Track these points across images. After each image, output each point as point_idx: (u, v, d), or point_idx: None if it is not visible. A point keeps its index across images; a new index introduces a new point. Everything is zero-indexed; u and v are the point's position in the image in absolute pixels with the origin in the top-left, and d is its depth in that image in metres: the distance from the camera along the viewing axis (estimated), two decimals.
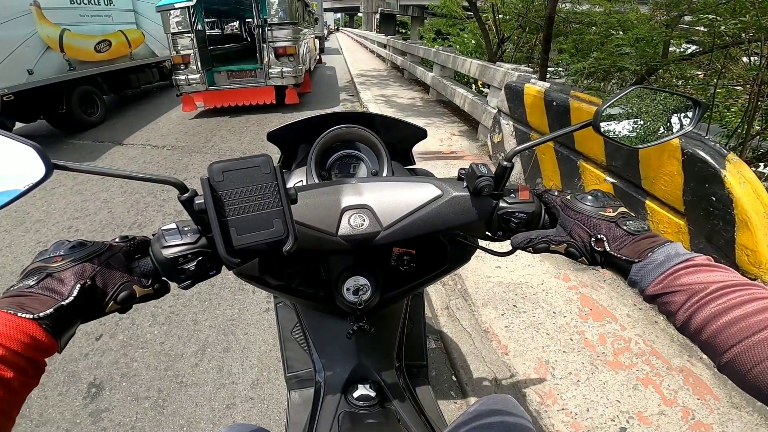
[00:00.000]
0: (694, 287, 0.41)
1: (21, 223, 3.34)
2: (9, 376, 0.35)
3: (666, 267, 0.44)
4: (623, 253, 0.49)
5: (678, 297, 0.41)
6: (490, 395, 0.81)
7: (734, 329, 0.36)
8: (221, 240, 0.45)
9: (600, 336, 1.91)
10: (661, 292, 0.43)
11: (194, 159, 4.83)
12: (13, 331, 0.36)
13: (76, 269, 0.43)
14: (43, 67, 5.62)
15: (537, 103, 3.02)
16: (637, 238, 0.49)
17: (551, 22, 4.62)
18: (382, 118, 0.87)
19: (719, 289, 0.39)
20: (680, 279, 0.42)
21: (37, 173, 0.39)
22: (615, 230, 0.51)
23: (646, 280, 0.45)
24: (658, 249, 0.46)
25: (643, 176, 2.05)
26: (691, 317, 0.40)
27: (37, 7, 5.51)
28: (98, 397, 1.76)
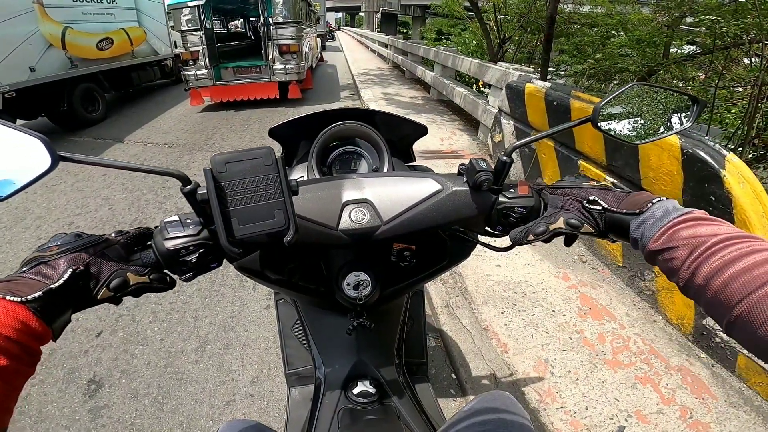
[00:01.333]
0: (694, 240, 0.40)
1: (22, 219, 3.34)
2: (2, 364, 0.34)
3: (665, 221, 0.44)
4: (622, 207, 0.49)
5: (679, 252, 0.41)
6: (488, 392, 0.81)
7: (738, 283, 0.35)
8: (223, 229, 0.45)
9: (599, 335, 1.92)
10: (663, 248, 0.43)
11: (195, 156, 4.84)
12: (3, 316, 0.35)
13: (70, 257, 0.43)
14: (45, 65, 5.63)
15: (538, 103, 3.02)
16: (631, 195, 0.50)
17: (553, 23, 4.63)
18: (383, 114, 0.88)
19: (720, 241, 0.38)
20: (681, 233, 0.42)
21: (43, 164, 0.40)
22: (605, 192, 0.52)
23: (646, 236, 0.45)
24: (656, 203, 0.46)
25: (642, 176, 2.05)
26: (694, 273, 0.39)
27: (39, 4, 5.53)
28: (98, 394, 1.76)
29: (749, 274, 0.34)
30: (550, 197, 0.58)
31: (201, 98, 7.25)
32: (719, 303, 0.36)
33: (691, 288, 0.40)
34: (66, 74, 6.04)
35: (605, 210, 0.51)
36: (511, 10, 6.93)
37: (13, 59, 5.11)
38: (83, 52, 6.40)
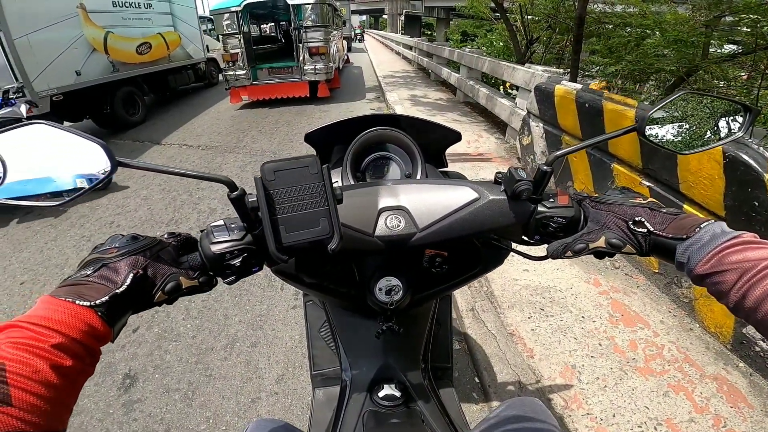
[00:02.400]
0: (744, 265, 0.40)
1: (67, 218, 3.53)
2: (68, 365, 0.36)
3: (714, 245, 0.43)
4: (668, 231, 0.48)
5: (729, 276, 0.40)
6: (517, 398, 0.80)
7: None
8: (272, 237, 0.47)
9: (631, 342, 1.86)
10: (711, 272, 0.42)
11: (227, 158, 4.98)
12: (73, 319, 0.37)
13: (129, 260, 0.45)
14: (90, 69, 5.89)
15: (568, 105, 2.96)
16: (678, 218, 0.48)
17: (582, 23, 4.51)
18: (416, 120, 0.88)
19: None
20: (729, 257, 0.41)
21: (104, 169, 0.43)
22: (652, 213, 0.51)
23: (694, 260, 0.44)
24: (703, 227, 0.45)
25: (681, 180, 1.98)
26: (744, 296, 0.39)
27: (83, 9, 5.77)
28: (132, 388, 1.83)
29: None
30: (591, 211, 0.57)
31: (240, 97, 7.91)
32: None
33: (742, 310, 0.40)
34: (109, 78, 6.30)
35: (650, 233, 0.50)
36: (539, 10, 6.79)
37: (61, 63, 5.34)
38: (124, 57, 6.69)
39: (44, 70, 5.09)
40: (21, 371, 0.33)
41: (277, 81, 7.95)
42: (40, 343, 0.35)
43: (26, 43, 4.86)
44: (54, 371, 0.35)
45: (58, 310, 0.37)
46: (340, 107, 7.83)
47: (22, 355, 0.34)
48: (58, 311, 0.37)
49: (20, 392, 0.32)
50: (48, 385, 0.34)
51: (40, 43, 5.04)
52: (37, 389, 0.33)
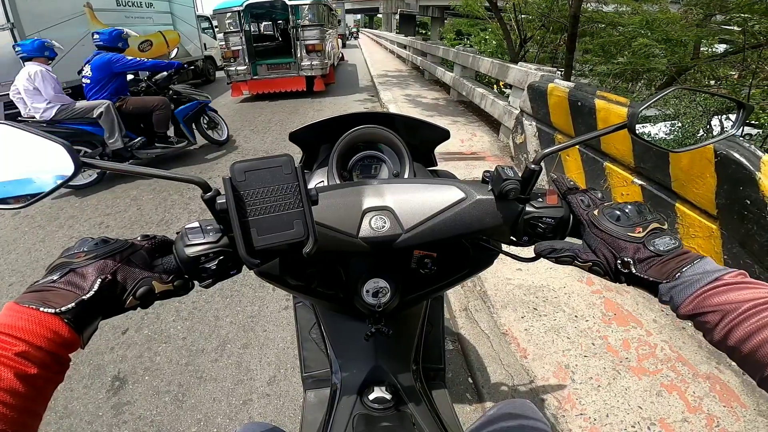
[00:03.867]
0: (725, 307, 0.40)
1: (55, 218, 3.48)
2: (33, 372, 0.35)
3: (695, 288, 0.43)
4: (650, 274, 0.48)
5: (711, 317, 0.41)
6: (508, 400, 0.80)
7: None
8: (242, 240, 0.45)
9: (624, 341, 1.86)
10: (694, 313, 0.42)
11: (219, 158, 4.95)
12: (36, 327, 0.36)
13: (98, 265, 0.44)
14: None
15: (561, 104, 2.96)
16: (664, 258, 0.48)
17: (576, 22, 4.53)
18: (404, 118, 0.86)
19: (752, 307, 0.38)
20: (711, 299, 0.41)
21: (67, 170, 0.41)
22: (642, 251, 0.50)
23: (676, 301, 0.44)
24: (686, 268, 0.45)
25: (673, 178, 1.98)
26: (726, 336, 0.39)
27: (89, 8, 6.06)
28: (121, 391, 1.81)
29: None
30: (587, 230, 0.54)
31: (241, 91, 8.38)
32: (753, 362, 0.37)
33: (723, 347, 0.40)
34: None
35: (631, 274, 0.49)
36: (533, 9, 6.82)
37: (70, 59, 5.54)
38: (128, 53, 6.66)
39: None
40: None
41: (275, 76, 8.38)
42: (3, 351, 0.34)
43: None
44: (19, 379, 0.34)
45: (21, 318, 0.36)
46: (335, 101, 8.17)
47: None
48: (22, 318, 0.36)
49: None
50: (13, 393, 0.33)
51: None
52: (2, 397, 0.32)
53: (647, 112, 0.55)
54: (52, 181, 0.41)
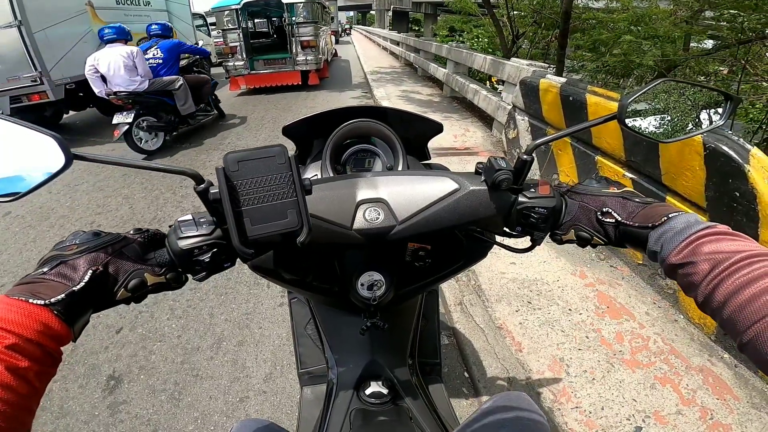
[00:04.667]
0: (717, 256, 0.38)
1: (46, 218, 3.44)
2: (24, 366, 0.34)
3: (687, 233, 0.42)
4: (637, 221, 0.47)
5: (701, 267, 0.39)
6: (504, 392, 0.80)
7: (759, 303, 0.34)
8: (235, 230, 0.45)
9: (617, 334, 1.88)
10: (683, 262, 0.41)
11: (212, 155, 4.92)
12: (26, 319, 0.35)
13: (89, 257, 0.43)
14: None
15: (553, 99, 2.97)
16: (650, 206, 0.48)
17: (568, 18, 4.54)
18: (398, 112, 0.86)
19: (744, 258, 0.37)
20: (703, 247, 0.40)
21: (58, 163, 0.40)
22: (623, 203, 0.50)
23: (666, 249, 0.43)
24: (673, 216, 0.45)
25: (663, 171, 2.00)
26: (714, 289, 0.38)
27: (91, 6, 6.31)
28: (117, 390, 1.79)
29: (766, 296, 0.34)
30: (568, 201, 0.57)
31: (239, 85, 8.77)
32: (735, 321, 0.35)
33: (709, 305, 0.39)
34: None
35: (618, 223, 0.49)
36: (525, 5, 6.83)
37: (73, 55, 5.88)
38: None
39: (59, 61, 5.67)
40: None
41: (272, 71, 8.78)
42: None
43: (44, 37, 5.43)
44: (10, 373, 0.33)
45: (11, 310, 0.36)
46: (329, 94, 8.56)
47: None
48: (11, 311, 0.36)
49: None
50: (4, 386, 0.32)
51: (56, 37, 5.64)
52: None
53: (637, 105, 0.56)
54: (42, 174, 0.41)
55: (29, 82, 5.47)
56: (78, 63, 5.71)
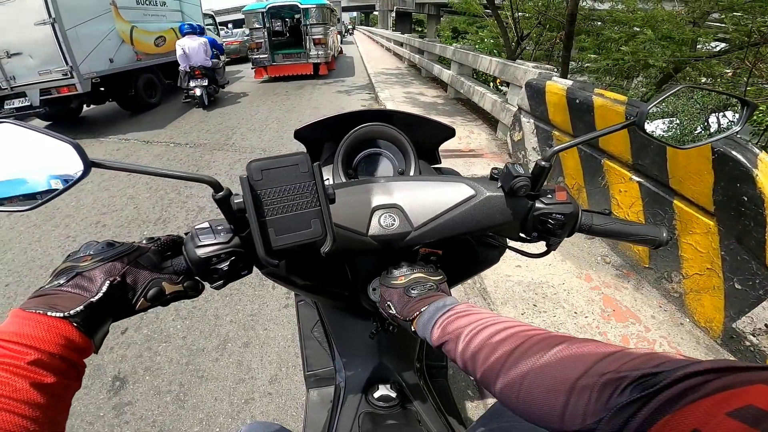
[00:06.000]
0: (457, 332, 0.45)
1: (51, 218, 3.45)
2: (49, 381, 0.34)
3: (434, 320, 0.48)
4: (404, 314, 0.54)
5: (451, 344, 0.45)
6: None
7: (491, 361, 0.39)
8: (261, 240, 0.44)
9: (623, 337, 1.87)
10: (441, 342, 0.47)
11: (216, 156, 4.92)
12: (46, 333, 0.35)
13: (105, 267, 0.43)
14: (120, 57, 7.02)
15: (559, 101, 2.97)
16: (414, 300, 0.54)
17: (573, 20, 4.53)
18: (409, 116, 0.86)
19: (474, 329, 0.43)
20: (448, 327, 0.46)
21: (76, 170, 0.40)
22: (400, 296, 0.57)
23: (428, 336, 0.49)
24: (426, 308, 0.51)
25: (671, 175, 1.99)
26: (463, 359, 0.43)
27: (114, 6, 6.86)
28: (122, 391, 1.80)
29: (494, 355, 0.39)
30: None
31: (262, 74, 10.88)
32: (487, 376, 0.40)
33: (467, 368, 0.44)
34: (134, 65, 7.45)
35: (393, 316, 0.56)
36: (530, 7, 6.81)
37: (98, 52, 6.43)
38: (145, 48, 7.81)
39: (87, 56, 6.17)
40: (1, 392, 0.31)
41: (289, 63, 10.87)
42: (15, 361, 0.33)
43: (75, 34, 5.92)
44: (36, 389, 0.33)
45: (29, 324, 0.35)
46: (336, 81, 10.30)
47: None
48: (30, 325, 0.35)
49: (4, 414, 0.30)
50: (31, 404, 0.32)
51: (84, 34, 6.13)
52: (21, 409, 0.31)
53: (653, 109, 0.56)
54: (61, 182, 0.41)
55: (60, 75, 5.89)
56: (103, 59, 6.54)
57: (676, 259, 2.01)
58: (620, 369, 0.28)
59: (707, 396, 0.23)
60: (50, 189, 0.41)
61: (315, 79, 10.68)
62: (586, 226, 0.62)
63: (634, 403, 0.26)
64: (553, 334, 0.38)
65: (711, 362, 0.25)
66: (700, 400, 0.23)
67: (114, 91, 7.34)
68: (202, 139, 5.66)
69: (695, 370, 0.25)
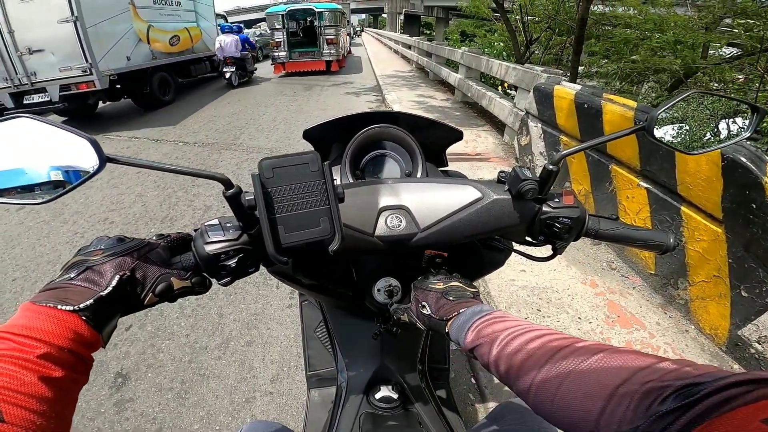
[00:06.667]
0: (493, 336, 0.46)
1: (60, 214, 3.49)
2: (58, 375, 0.34)
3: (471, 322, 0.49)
4: (439, 314, 0.56)
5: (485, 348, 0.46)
6: (511, 399, 0.80)
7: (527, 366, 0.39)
8: (271, 237, 0.45)
9: (627, 343, 1.85)
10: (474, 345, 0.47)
11: (223, 155, 4.95)
12: (56, 327, 0.35)
13: (115, 262, 0.43)
14: (137, 55, 7.24)
15: (567, 106, 2.95)
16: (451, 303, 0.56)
17: (584, 24, 4.51)
18: (417, 118, 0.87)
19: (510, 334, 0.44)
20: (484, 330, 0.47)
21: (92, 165, 0.41)
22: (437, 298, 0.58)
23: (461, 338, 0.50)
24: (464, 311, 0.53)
25: (679, 181, 1.97)
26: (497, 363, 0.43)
27: (132, 5, 7.07)
28: (124, 387, 1.81)
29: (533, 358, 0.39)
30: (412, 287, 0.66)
31: (281, 69, 12.32)
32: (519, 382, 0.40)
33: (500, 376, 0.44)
34: (150, 64, 7.64)
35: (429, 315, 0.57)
36: (539, 11, 6.80)
37: (116, 50, 6.65)
38: (160, 47, 8.04)
39: (106, 54, 6.38)
40: (9, 385, 0.31)
41: (305, 60, 12.38)
42: (25, 354, 0.33)
43: (95, 32, 6.11)
44: (44, 383, 0.33)
45: (39, 318, 0.35)
46: (345, 83, 10.59)
47: (8, 368, 0.32)
48: (40, 319, 0.35)
49: (12, 407, 0.30)
50: (39, 398, 0.32)
51: (104, 32, 6.33)
52: (29, 403, 0.31)
53: (663, 114, 0.55)
54: (77, 176, 0.41)
55: (80, 72, 6.08)
56: (121, 57, 6.76)
57: (683, 266, 1.99)
58: (663, 378, 0.29)
59: (745, 405, 0.23)
60: (66, 182, 0.42)
61: (327, 74, 12.11)
62: (592, 230, 0.62)
63: (673, 412, 0.26)
64: (593, 342, 0.38)
65: (752, 373, 0.25)
66: (738, 409, 0.23)
67: (130, 88, 7.52)
68: (211, 138, 5.70)
69: (736, 380, 0.25)
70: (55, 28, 5.76)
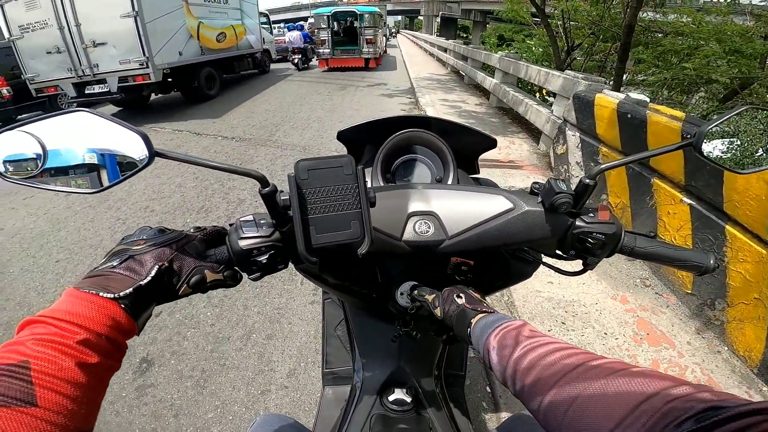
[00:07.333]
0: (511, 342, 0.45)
1: (105, 200, 3.69)
2: (94, 361, 0.35)
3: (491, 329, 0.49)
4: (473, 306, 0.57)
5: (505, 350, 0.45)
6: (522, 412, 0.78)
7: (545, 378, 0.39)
8: (302, 237, 0.45)
9: (653, 361, 1.76)
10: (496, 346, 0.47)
11: (259, 151, 5.10)
12: (97, 313, 0.36)
13: (156, 252, 0.45)
14: (188, 51, 7.64)
15: (608, 115, 2.84)
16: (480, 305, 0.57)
17: (631, 31, 4.33)
18: (451, 124, 0.86)
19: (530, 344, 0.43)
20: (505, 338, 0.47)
21: (141, 159, 0.43)
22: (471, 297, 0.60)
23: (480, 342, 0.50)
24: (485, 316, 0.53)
25: (726, 199, 1.85)
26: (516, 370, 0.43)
27: (186, 3, 7.48)
28: (147, 373, 1.87)
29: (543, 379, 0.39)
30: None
31: (325, 64, 14.19)
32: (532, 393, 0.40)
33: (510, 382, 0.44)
34: (199, 59, 8.06)
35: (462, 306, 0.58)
36: (582, 17, 6.59)
37: (170, 45, 7.04)
38: (208, 43, 8.46)
39: (161, 49, 6.76)
40: (46, 369, 0.32)
41: (346, 57, 14.08)
42: (65, 340, 0.34)
43: (153, 27, 6.47)
44: (80, 369, 0.34)
45: (82, 304, 0.37)
46: (379, 84, 10.84)
47: (47, 353, 0.32)
48: (83, 305, 0.37)
49: (46, 391, 0.31)
50: (74, 383, 0.33)
51: (160, 28, 6.70)
52: (63, 388, 0.32)
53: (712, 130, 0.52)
54: (128, 168, 0.44)
55: (137, 65, 6.46)
56: (174, 51, 7.15)
57: (722, 286, 1.87)
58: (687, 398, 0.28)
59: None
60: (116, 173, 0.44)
61: (362, 73, 13.09)
62: (628, 248, 0.59)
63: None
64: (615, 360, 0.37)
65: None
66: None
67: (180, 82, 7.96)
68: (248, 133, 5.88)
69: (757, 407, 0.24)
70: (118, 22, 6.13)
